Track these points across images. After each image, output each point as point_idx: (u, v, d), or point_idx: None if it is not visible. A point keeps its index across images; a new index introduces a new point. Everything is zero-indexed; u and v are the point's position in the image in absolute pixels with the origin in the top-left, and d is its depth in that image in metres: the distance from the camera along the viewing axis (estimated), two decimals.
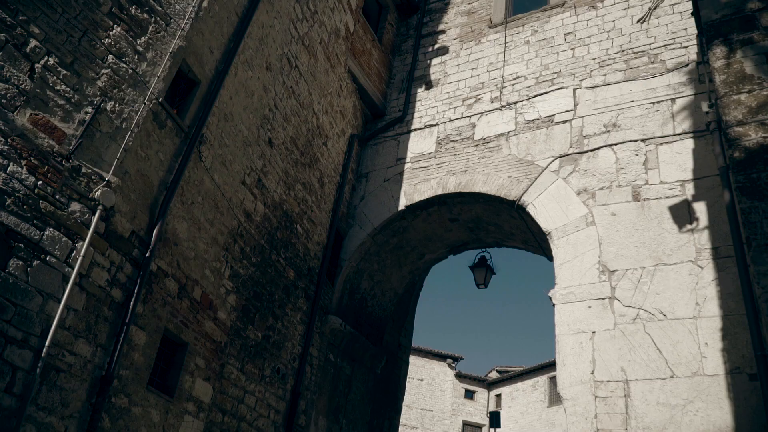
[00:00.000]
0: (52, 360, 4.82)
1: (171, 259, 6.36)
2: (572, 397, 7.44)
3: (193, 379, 6.63)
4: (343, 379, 10.35)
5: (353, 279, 10.76)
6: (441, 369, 31.95)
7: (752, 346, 2.88)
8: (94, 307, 5.31)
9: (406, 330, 13.20)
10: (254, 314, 7.95)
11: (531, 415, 28.48)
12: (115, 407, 5.47)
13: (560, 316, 7.98)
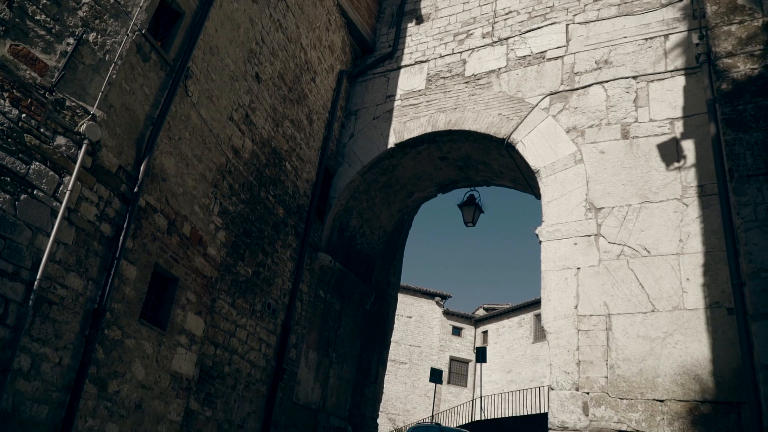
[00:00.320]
0: (44, 293, 4.88)
1: (159, 194, 6.35)
2: (556, 330, 7.65)
3: (184, 313, 6.74)
4: (333, 315, 10.56)
5: (342, 217, 10.82)
6: (429, 307, 32.59)
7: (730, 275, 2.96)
8: (84, 242, 5.33)
9: (395, 268, 13.39)
10: (244, 250, 8.02)
11: (516, 350, 29.30)
12: (109, 339, 5.58)
13: (546, 252, 8.11)
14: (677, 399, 6.64)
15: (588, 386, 7.15)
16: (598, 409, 6.98)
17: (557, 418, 7.18)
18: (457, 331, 32.82)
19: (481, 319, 32.92)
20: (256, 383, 8.22)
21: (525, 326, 29.48)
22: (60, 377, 5.01)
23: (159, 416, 6.28)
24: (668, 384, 6.72)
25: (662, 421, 6.61)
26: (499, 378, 29.16)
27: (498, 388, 27.90)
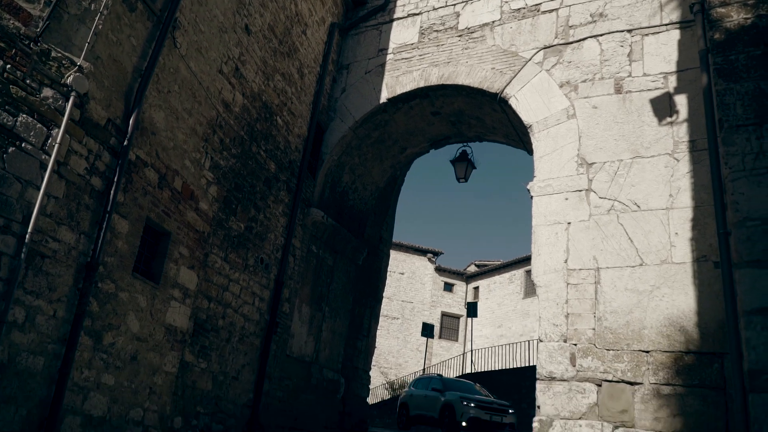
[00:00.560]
0: (36, 246, 4.88)
1: (150, 148, 6.30)
2: (545, 284, 7.76)
3: (177, 267, 6.78)
4: (326, 270, 10.64)
5: (334, 172, 10.79)
6: (421, 263, 32.88)
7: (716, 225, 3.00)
8: (75, 195, 5.31)
9: (387, 224, 13.45)
10: (236, 205, 8.02)
11: (507, 306, 29.75)
12: (102, 292, 5.62)
13: (537, 208, 8.16)
14: (662, 350, 6.79)
15: (576, 338, 7.29)
16: (585, 360, 7.14)
17: (545, 369, 7.35)
18: (449, 287, 33.21)
19: (473, 275, 33.28)
20: (249, 336, 8.34)
21: (516, 282, 29.85)
22: (55, 329, 5.07)
23: (154, 368, 6.38)
24: (654, 335, 6.87)
25: (647, 370, 6.78)
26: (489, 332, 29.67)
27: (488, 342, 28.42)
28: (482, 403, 14.83)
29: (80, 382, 5.34)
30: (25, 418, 4.77)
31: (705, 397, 6.40)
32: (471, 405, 14.62)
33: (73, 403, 5.25)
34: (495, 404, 14.98)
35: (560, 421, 7.01)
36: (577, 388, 7.08)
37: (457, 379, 18.07)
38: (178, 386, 6.80)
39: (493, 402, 15.12)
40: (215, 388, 7.53)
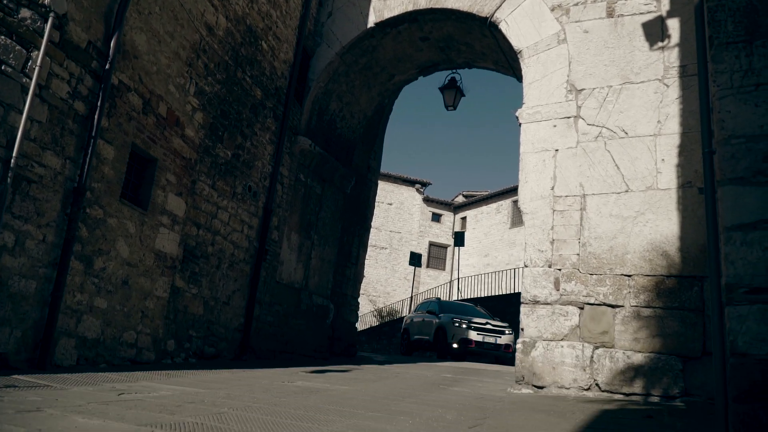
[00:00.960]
0: (21, 171, 4.84)
1: (132, 72, 6.16)
2: (532, 211, 7.85)
3: (165, 194, 6.77)
4: (314, 198, 10.67)
5: (322, 100, 10.65)
6: (409, 194, 33.01)
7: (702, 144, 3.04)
8: (58, 120, 5.22)
9: (375, 153, 13.41)
10: (222, 132, 7.93)
11: (494, 235, 30.15)
12: (91, 218, 5.62)
13: (526, 135, 8.15)
14: (644, 274, 6.98)
15: (560, 263, 7.46)
16: (569, 284, 7.32)
17: (530, 293, 7.54)
18: (437, 218, 33.50)
19: (460, 205, 33.53)
20: (239, 263, 8.44)
21: (503, 212, 30.14)
22: (45, 254, 5.10)
23: (146, 292, 6.47)
24: (637, 260, 7.03)
25: (628, 294, 6.98)
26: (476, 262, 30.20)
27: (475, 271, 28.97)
28: (475, 324, 14.56)
29: (73, 305, 5.42)
30: (21, 339, 4.86)
31: (684, 318, 6.63)
32: (462, 326, 14.41)
33: (67, 326, 5.35)
34: (489, 325, 14.65)
35: (543, 342, 7.25)
36: (560, 311, 7.29)
37: (457, 302, 17.90)
38: (170, 311, 6.92)
39: (488, 323, 14.77)
40: (207, 313, 7.68)
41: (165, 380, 5.09)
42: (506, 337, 14.68)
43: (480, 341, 14.30)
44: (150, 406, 3.61)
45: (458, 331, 14.43)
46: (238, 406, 3.98)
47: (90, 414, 3.15)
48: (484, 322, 14.83)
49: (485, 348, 14.30)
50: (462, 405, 5.17)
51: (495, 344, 14.46)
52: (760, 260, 2.37)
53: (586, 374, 6.89)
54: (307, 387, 5.54)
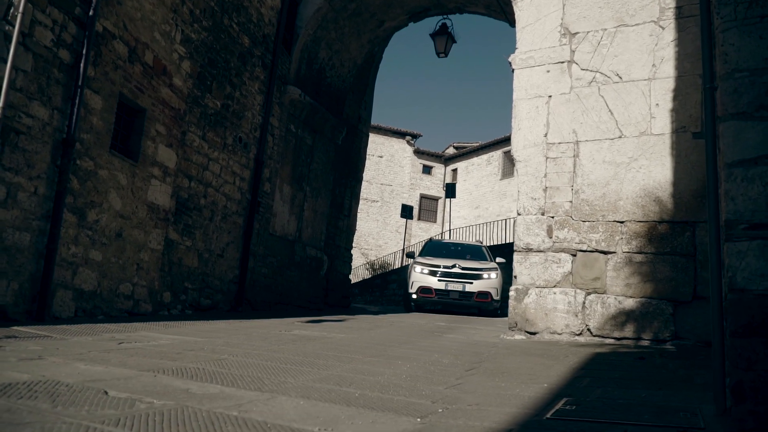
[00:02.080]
0: (9, 122, 4.73)
1: (116, 19, 5.98)
2: (525, 158, 7.82)
3: (155, 145, 6.67)
4: (305, 150, 10.57)
5: (311, 48, 10.43)
6: (400, 146, 32.82)
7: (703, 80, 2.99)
8: (44, 69, 5.09)
9: (366, 103, 13.24)
10: (211, 82, 7.78)
11: (484, 187, 30.19)
12: (82, 170, 5.54)
13: (519, 81, 8.04)
14: (637, 220, 7.02)
15: (553, 211, 7.47)
16: (562, 232, 7.36)
17: (522, 241, 7.58)
18: (428, 170, 33.43)
19: (451, 157, 33.43)
20: (232, 215, 8.40)
21: (494, 163, 30.10)
22: (38, 206, 5.04)
23: (140, 245, 6.45)
24: (629, 206, 7.06)
25: (620, 240, 7.04)
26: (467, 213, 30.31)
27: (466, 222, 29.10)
28: (437, 267, 11.65)
29: (68, 257, 5.40)
30: (18, 291, 4.85)
31: (675, 263, 6.71)
32: (424, 271, 11.65)
33: (64, 278, 5.34)
34: (458, 268, 11.61)
35: (536, 289, 7.33)
36: (553, 259, 7.35)
37: (454, 243, 14.70)
38: (164, 263, 6.92)
39: (456, 265, 11.70)
40: (201, 265, 7.69)
41: (163, 330, 5.12)
42: (481, 283, 11.54)
43: (441, 289, 11.46)
44: (151, 354, 3.63)
45: (418, 277, 11.68)
46: (238, 353, 4.01)
47: (92, 361, 3.16)
48: (452, 264, 11.75)
49: (450, 298, 11.51)
50: (457, 350, 5.26)
51: (462, 292, 11.44)
52: (761, 196, 2.37)
53: (578, 320, 7.00)
54: (304, 335, 5.60)
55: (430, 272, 11.66)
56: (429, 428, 2.21)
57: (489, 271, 11.78)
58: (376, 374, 3.46)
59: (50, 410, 1.99)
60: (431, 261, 11.94)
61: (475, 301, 11.57)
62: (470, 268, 11.72)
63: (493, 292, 11.58)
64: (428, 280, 11.55)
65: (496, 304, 11.72)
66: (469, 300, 11.52)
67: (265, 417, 2.17)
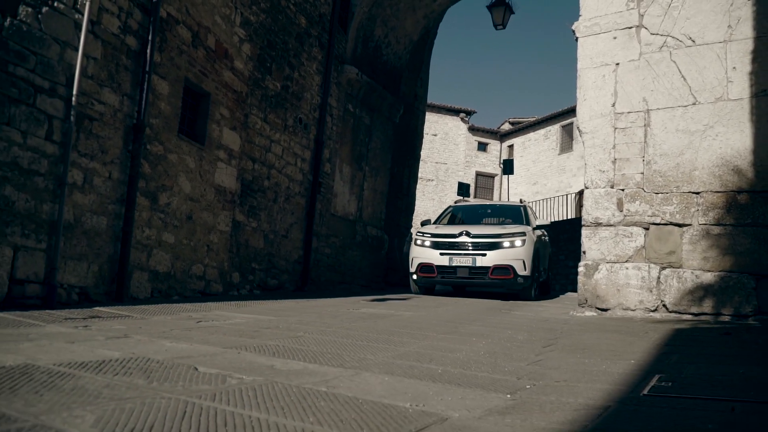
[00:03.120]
0: (82, 109, 4.86)
1: (179, 4, 6.04)
2: (592, 130, 7.55)
3: (220, 129, 6.76)
4: (363, 129, 10.54)
5: (366, 26, 10.33)
6: (454, 123, 32.42)
7: None
8: (112, 56, 5.20)
9: (422, 80, 13.08)
10: (270, 64, 7.81)
11: (542, 162, 29.54)
12: (152, 154, 5.66)
13: (583, 49, 7.74)
14: (713, 190, 6.68)
15: (623, 183, 7.20)
16: (633, 204, 7.09)
17: (591, 215, 7.34)
18: (483, 147, 32.95)
19: (507, 133, 32.82)
20: (295, 196, 8.47)
21: (551, 138, 29.39)
22: (112, 190, 5.18)
23: (209, 227, 6.57)
24: (705, 176, 6.73)
25: (696, 212, 6.72)
26: (524, 190, 29.77)
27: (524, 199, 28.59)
28: (440, 237, 8.95)
29: (143, 240, 5.54)
30: (98, 273, 5.02)
31: (757, 235, 6.36)
32: (425, 244, 8.95)
33: (139, 260, 5.49)
34: (465, 236, 8.77)
35: (606, 264, 7.11)
36: (624, 233, 7.09)
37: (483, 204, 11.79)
38: (232, 244, 7.04)
39: (465, 233, 8.83)
40: (267, 246, 7.79)
41: (236, 309, 5.21)
42: (498, 255, 8.62)
43: (444, 266, 8.74)
44: (229, 332, 3.69)
45: (417, 252, 9.01)
46: (312, 330, 4.03)
47: (176, 339, 3.23)
48: (458, 232, 8.91)
49: (458, 276, 8.79)
50: (529, 327, 5.15)
51: (473, 268, 8.64)
52: None
53: (653, 295, 6.75)
54: (373, 313, 5.60)
55: (432, 244, 8.89)
56: (521, 404, 2.14)
57: (512, 237, 8.73)
58: (453, 351, 3.41)
59: (146, 386, 2.02)
60: (437, 230, 9.22)
61: (490, 279, 8.61)
62: (484, 235, 8.76)
63: (517, 266, 8.53)
64: (429, 255, 8.82)
65: (523, 281, 8.63)
66: (483, 278, 8.65)
67: (354, 393, 2.15)
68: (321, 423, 1.71)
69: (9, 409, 1.63)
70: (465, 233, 8.82)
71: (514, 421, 1.88)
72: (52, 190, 4.58)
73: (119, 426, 1.52)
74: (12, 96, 4.28)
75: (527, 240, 8.76)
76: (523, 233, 8.82)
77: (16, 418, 1.54)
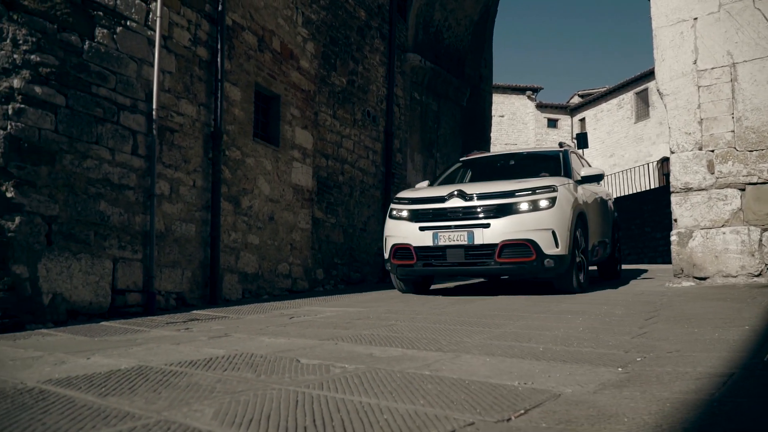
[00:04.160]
0: (163, 122, 5.05)
1: (243, 11, 6.17)
2: (673, 91, 7.16)
3: (292, 129, 6.87)
4: (431, 116, 10.45)
5: (425, 11, 10.23)
6: (521, 102, 31.72)
7: None
8: (186, 68, 5.36)
9: (486, 60, 12.84)
10: (334, 60, 7.86)
11: (617, 133, 28.44)
12: (231, 160, 5.82)
13: (657, 7, 7.35)
14: None
15: (712, 144, 6.80)
16: (725, 165, 6.69)
17: (680, 181, 6.98)
18: (553, 123, 32.07)
19: (577, 106, 31.79)
20: (370, 189, 8.51)
21: (625, 107, 28.22)
22: (198, 198, 5.36)
23: (291, 226, 6.69)
24: None
25: None
26: (601, 163, 28.77)
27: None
28: (423, 204, 5.90)
29: (230, 243, 5.71)
30: (191, 278, 5.21)
31: None
32: (402, 215, 5.94)
33: (228, 263, 5.66)
34: (456, 200, 5.75)
35: (701, 231, 6.75)
36: (717, 196, 6.70)
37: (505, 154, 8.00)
38: (314, 241, 7.14)
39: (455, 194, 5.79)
40: (347, 241, 7.87)
41: (324, 304, 5.28)
42: (509, 223, 5.58)
43: (428, 246, 5.73)
44: (323, 325, 3.73)
45: (392, 228, 6.02)
46: (403, 318, 4.03)
47: (273, 335, 3.29)
48: (448, 193, 5.86)
49: (448, 263, 5.71)
50: (625, 301, 4.95)
51: (470, 248, 5.61)
52: None
53: (756, 259, 6.34)
54: (460, 299, 5.54)
55: (410, 215, 5.86)
56: (636, 377, 2.04)
57: (533, 195, 5.66)
58: (550, 329, 3.31)
59: (255, 379, 2.06)
60: (417, 193, 6.16)
61: (498, 264, 5.54)
62: (487, 195, 5.70)
63: (542, 239, 5.50)
64: (405, 232, 5.80)
65: (555, 264, 5.50)
66: (488, 262, 5.56)
67: (459, 374, 2.11)
68: (432, 405, 1.68)
69: (131, 407, 1.69)
70: (457, 194, 5.72)
71: (633, 394, 1.79)
72: (142, 202, 4.79)
73: (238, 417, 1.55)
74: (97, 116, 4.49)
75: (561, 198, 5.69)
76: (552, 188, 5.69)
77: (140, 416, 1.59)
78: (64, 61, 4.24)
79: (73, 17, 4.35)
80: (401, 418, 1.55)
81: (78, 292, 4.21)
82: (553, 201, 5.66)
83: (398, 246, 5.84)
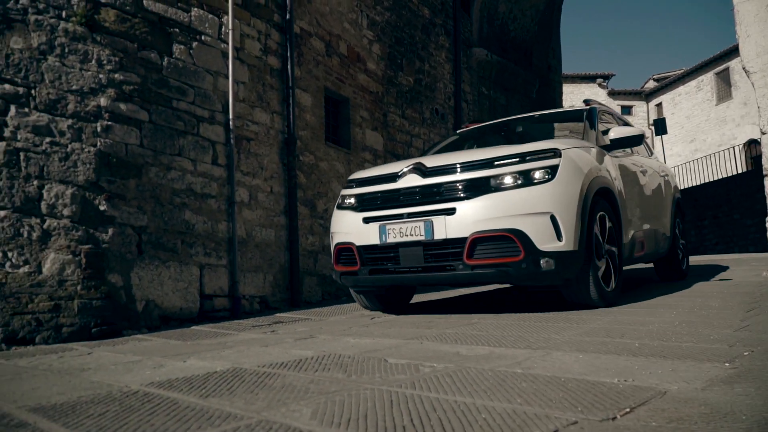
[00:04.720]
0: (239, 131, 5.19)
1: (310, 18, 6.26)
2: (761, 68, 6.75)
3: (362, 131, 6.91)
4: (500, 110, 10.29)
5: (489, 4, 10.08)
6: (591, 91, 30.75)
7: None
8: (258, 77, 5.50)
9: (554, 50, 12.52)
10: (401, 60, 7.86)
11: (698, 116, 27.10)
12: (305, 164, 5.92)
13: None
14: None
15: None
16: None
17: None
18: (627, 110, 30.92)
19: (653, 91, 30.52)
20: None
21: (705, 88, 26.85)
22: (275, 203, 5.48)
23: None
24: None
25: None
26: (681, 149, 27.50)
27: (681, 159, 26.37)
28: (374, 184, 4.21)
29: (308, 246, 5.80)
30: (273, 282, 5.33)
31: None
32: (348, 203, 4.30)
33: (307, 266, 5.76)
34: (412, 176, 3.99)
35: None
36: None
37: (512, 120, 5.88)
38: None
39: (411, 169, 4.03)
40: None
41: None
42: (483, 207, 3.69)
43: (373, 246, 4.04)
44: (404, 325, 3.72)
45: (339, 223, 4.31)
46: (485, 315, 3.96)
47: (357, 335, 3.32)
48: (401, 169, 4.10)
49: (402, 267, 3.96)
50: (720, 293, 4.69)
51: (428, 245, 3.81)
52: None
53: None
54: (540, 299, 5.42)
55: (356, 202, 4.30)
56: (747, 372, 1.92)
57: (521, 164, 3.78)
58: (643, 324, 3.17)
59: (347, 379, 2.07)
60: (374, 171, 4.45)
61: (469, 268, 3.75)
62: (454, 167, 3.94)
63: (535, 229, 3.67)
64: (348, 226, 4.24)
65: (552, 263, 3.63)
66: (454, 266, 3.81)
67: (552, 372, 2.05)
68: (530, 403, 1.63)
69: (232, 407, 1.73)
70: (414, 168, 4.08)
71: (746, 390, 1.68)
72: (224, 209, 4.94)
73: (336, 417, 1.55)
74: (179, 128, 4.67)
75: (566, 167, 3.82)
76: (553, 152, 3.82)
77: (241, 416, 1.63)
78: (145, 78, 4.43)
79: (152, 35, 4.54)
80: (500, 417, 1.52)
81: (169, 298, 4.39)
82: (553, 171, 3.73)
83: (341, 246, 4.23)
